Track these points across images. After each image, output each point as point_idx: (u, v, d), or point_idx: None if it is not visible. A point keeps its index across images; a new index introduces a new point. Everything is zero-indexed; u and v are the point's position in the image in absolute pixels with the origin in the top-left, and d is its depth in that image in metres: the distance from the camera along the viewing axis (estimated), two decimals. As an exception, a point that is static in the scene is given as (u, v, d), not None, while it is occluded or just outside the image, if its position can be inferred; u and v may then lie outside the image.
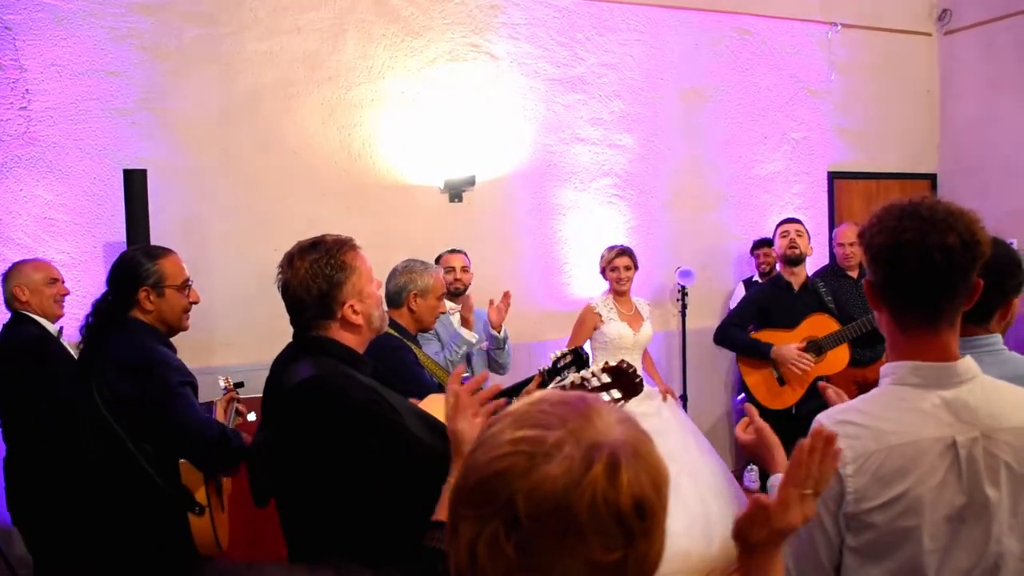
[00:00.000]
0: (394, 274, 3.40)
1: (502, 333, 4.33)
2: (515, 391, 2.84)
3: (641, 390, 1.87)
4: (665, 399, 4.80)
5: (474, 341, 4.03)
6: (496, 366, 4.50)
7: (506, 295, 4.29)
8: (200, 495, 2.65)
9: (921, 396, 1.50)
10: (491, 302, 4.30)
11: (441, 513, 1.56)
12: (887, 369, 1.57)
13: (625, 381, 1.86)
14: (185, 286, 2.77)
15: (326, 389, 1.88)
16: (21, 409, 3.52)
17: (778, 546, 1.27)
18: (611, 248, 4.85)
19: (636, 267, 4.84)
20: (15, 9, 4.57)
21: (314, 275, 1.96)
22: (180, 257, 2.85)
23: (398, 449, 1.83)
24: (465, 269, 4.54)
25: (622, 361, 1.88)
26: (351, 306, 1.99)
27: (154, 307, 2.69)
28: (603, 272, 4.85)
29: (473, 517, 0.86)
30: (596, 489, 0.83)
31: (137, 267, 2.70)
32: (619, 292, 4.80)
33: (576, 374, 1.91)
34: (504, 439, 0.88)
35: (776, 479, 1.55)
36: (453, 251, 4.61)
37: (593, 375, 1.86)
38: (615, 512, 0.84)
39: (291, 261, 2.00)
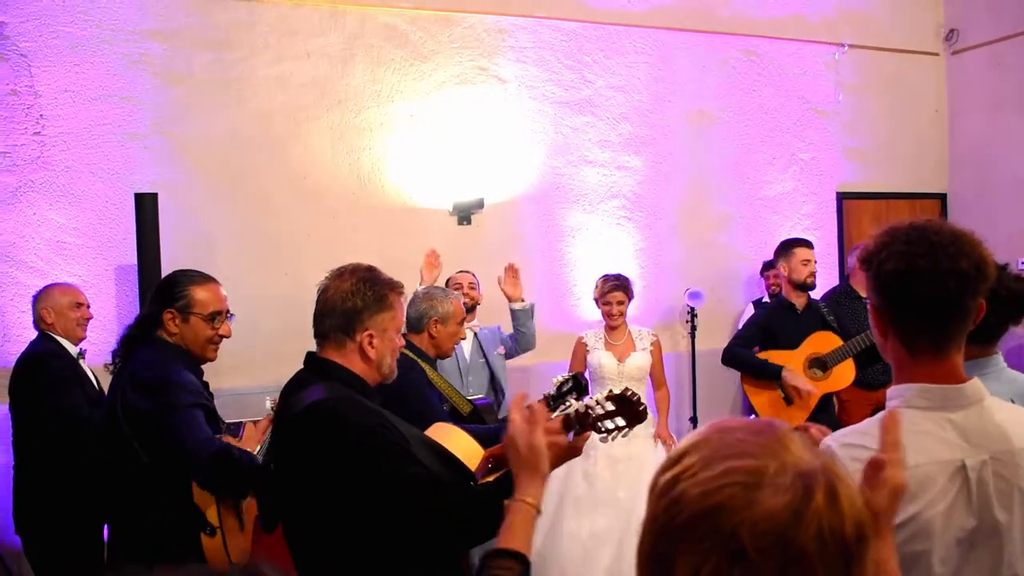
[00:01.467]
0: (415, 300, 3.41)
1: (527, 303, 4.54)
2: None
3: (645, 417, 1.86)
4: (660, 445, 4.65)
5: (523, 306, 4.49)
6: (524, 343, 4.63)
7: (510, 267, 4.50)
8: (211, 515, 2.60)
9: (929, 419, 1.49)
10: (499, 279, 4.51)
11: (509, 542, 1.49)
12: (894, 392, 1.56)
13: (629, 410, 1.85)
14: (214, 317, 2.73)
15: (331, 414, 1.89)
16: (29, 421, 3.66)
17: (893, 517, 1.23)
18: (605, 278, 4.73)
19: (631, 296, 4.72)
20: (31, 36, 4.64)
21: (355, 291, 2.03)
22: (220, 288, 2.83)
23: (401, 476, 1.82)
24: (473, 286, 4.62)
25: (626, 389, 1.87)
26: (370, 335, 2.02)
27: (177, 331, 2.68)
28: (596, 302, 4.77)
29: (692, 552, 0.85)
30: (821, 518, 0.83)
31: (172, 287, 2.73)
32: (610, 326, 4.72)
33: (580, 403, 1.90)
34: (714, 471, 0.86)
35: None
36: (462, 272, 4.71)
37: (597, 403, 1.85)
38: (840, 540, 0.84)
39: (342, 273, 2.07)
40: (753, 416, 5.41)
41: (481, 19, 5.57)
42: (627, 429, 1.85)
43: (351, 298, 2.02)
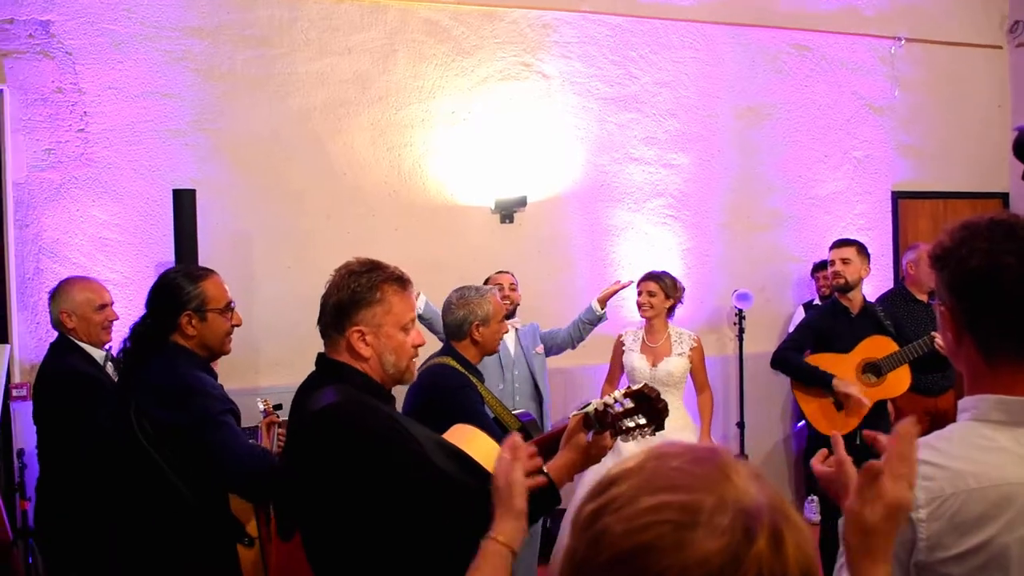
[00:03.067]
0: (450, 307, 3.26)
1: (603, 311, 4.58)
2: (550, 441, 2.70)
3: (666, 415, 1.79)
4: None
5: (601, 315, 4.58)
6: (573, 340, 4.63)
7: (619, 283, 4.72)
8: (251, 526, 2.51)
9: (1007, 434, 1.34)
10: (617, 282, 4.75)
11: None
12: (967, 403, 1.41)
13: (648, 407, 1.78)
14: (228, 309, 2.62)
15: (343, 417, 1.81)
16: (55, 439, 3.41)
17: (891, 538, 1.15)
18: (645, 273, 4.66)
19: (671, 296, 4.51)
20: (76, 35, 4.65)
21: (342, 285, 1.94)
22: (221, 278, 2.71)
23: (417, 479, 1.75)
24: (513, 287, 4.53)
25: (644, 385, 1.80)
26: (360, 331, 1.92)
27: (196, 332, 2.55)
28: (637, 297, 4.63)
29: None
30: (762, 565, 0.73)
31: (178, 291, 2.56)
32: (646, 320, 4.57)
33: (598, 400, 1.84)
34: (643, 505, 0.76)
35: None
36: (501, 272, 4.62)
37: (615, 400, 1.79)
38: None
39: (340, 268, 2.00)
40: (802, 423, 5.23)
41: (525, 14, 5.47)
42: (648, 429, 1.78)
43: (337, 291, 1.94)
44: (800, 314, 5.74)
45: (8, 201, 4.50)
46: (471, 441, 2.10)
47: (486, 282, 4.43)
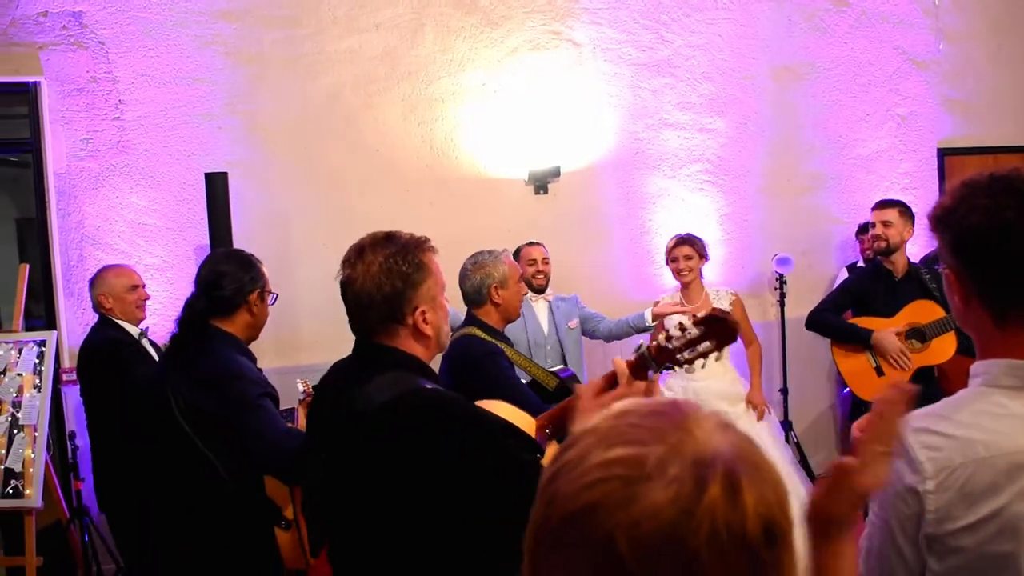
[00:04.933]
0: (466, 273, 3.20)
1: (653, 324, 4.33)
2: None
3: (737, 332, 1.73)
4: (752, 412, 4.50)
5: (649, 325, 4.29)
6: (612, 338, 4.48)
7: (681, 307, 4.40)
8: (288, 510, 2.50)
9: (1019, 400, 1.28)
10: (681, 303, 4.51)
11: None
12: (977, 369, 1.35)
13: (719, 328, 1.69)
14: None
15: (437, 403, 1.68)
16: (101, 410, 3.69)
17: (854, 524, 1.15)
18: (673, 237, 4.69)
19: (703, 256, 4.61)
20: (107, 24, 4.71)
21: (388, 271, 1.76)
22: None
23: (526, 464, 1.65)
24: (546, 261, 4.47)
25: (714, 308, 1.73)
26: (423, 312, 1.79)
27: (258, 313, 2.61)
28: (667, 263, 4.68)
29: (563, 563, 0.71)
30: (716, 516, 0.68)
31: (250, 267, 2.62)
32: (683, 284, 4.61)
33: (661, 335, 1.76)
34: (592, 462, 0.72)
35: None
36: (532, 243, 4.54)
37: (682, 329, 1.71)
38: (741, 541, 0.68)
39: (361, 253, 1.80)
40: (847, 391, 5.13)
41: (553, -19, 5.39)
42: (717, 353, 1.71)
43: (387, 280, 1.76)
44: (843, 276, 5.62)
45: (51, 191, 4.59)
46: (500, 412, 2.05)
47: (516, 253, 4.38)
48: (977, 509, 1.25)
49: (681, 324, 1.73)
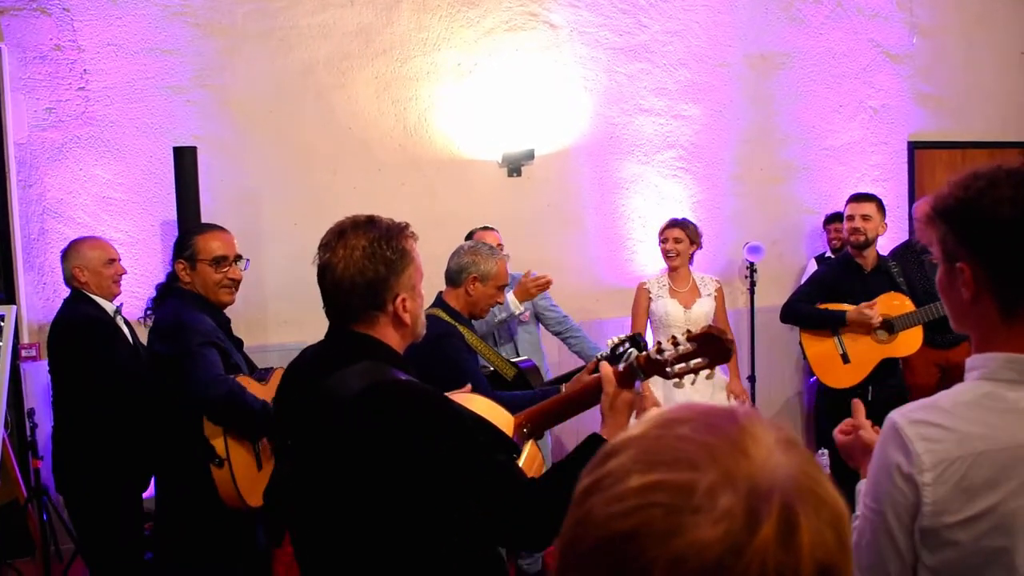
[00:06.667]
0: (459, 252, 3.18)
1: (517, 310, 4.00)
2: (566, 379, 2.64)
3: (732, 353, 1.70)
4: (734, 401, 4.51)
5: (516, 311, 3.91)
6: (554, 329, 4.33)
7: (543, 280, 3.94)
8: (219, 446, 2.79)
9: (1017, 394, 1.28)
10: (527, 273, 3.99)
11: None
12: (975, 362, 1.34)
13: (714, 347, 1.66)
14: (219, 261, 2.99)
15: (416, 394, 1.66)
16: (73, 388, 3.53)
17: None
18: (667, 220, 4.71)
19: (695, 242, 4.60)
20: (73, -11, 4.56)
21: (372, 256, 1.71)
22: (226, 235, 3.08)
23: (494, 465, 1.65)
24: (500, 247, 4.34)
25: (709, 326, 1.72)
26: (403, 300, 1.75)
27: (189, 279, 3.00)
28: (659, 244, 4.69)
29: None
30: (767, 558, 0.61)
31: (181, 240, 3.09)
32: (671, 267, 4.62)
33: (651, 348, 1.73)
34: (632, 484, 0.65)
35: (863, 484, 1.39)
36: (486, 228, 4.40)
37: (674, 344, 1.67)
38: None
39: (342, 237, 1.74)
40: (813, 379, 5.17)
41: (531, -38, 5.33)
42: (710, 371, 1.68)
43: (371, 265, 1.71)
44: (812, 267, 5.66)
45: (10, 162, 4.46)
46: (476, 407, 2.02)
47: (468, 236, 4.24)
48: (974, 504, 1.25)
49: (674, 337, 1.71)
